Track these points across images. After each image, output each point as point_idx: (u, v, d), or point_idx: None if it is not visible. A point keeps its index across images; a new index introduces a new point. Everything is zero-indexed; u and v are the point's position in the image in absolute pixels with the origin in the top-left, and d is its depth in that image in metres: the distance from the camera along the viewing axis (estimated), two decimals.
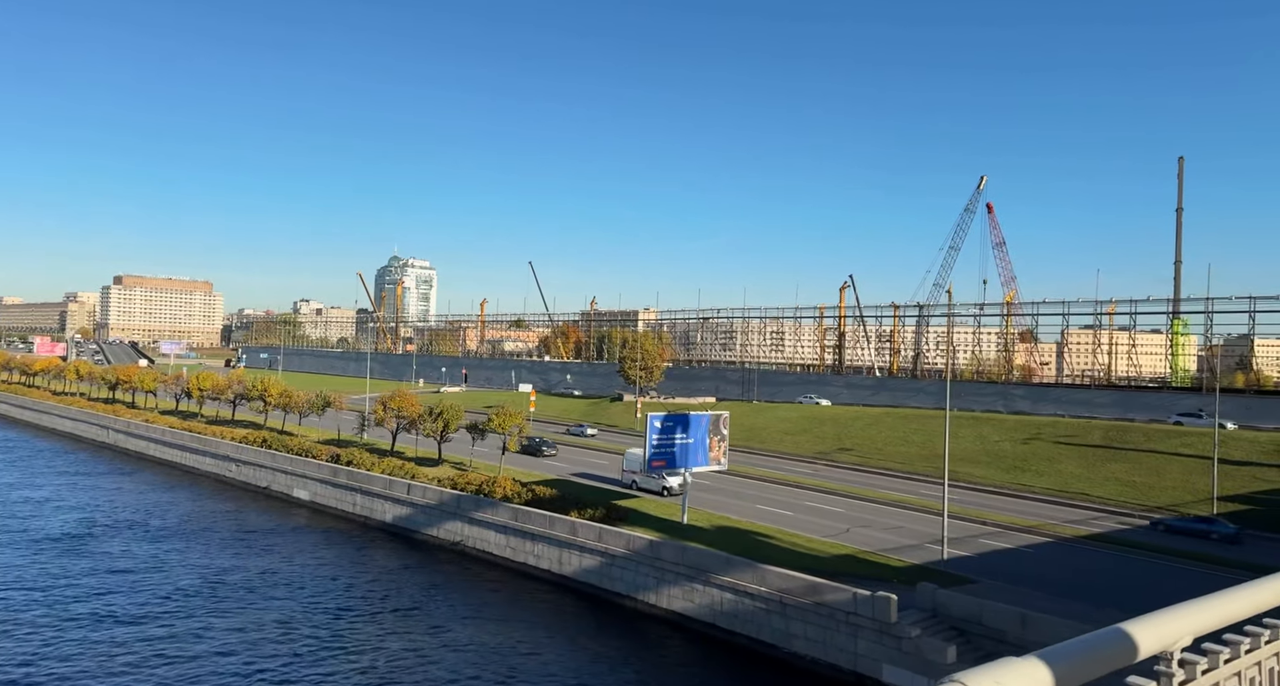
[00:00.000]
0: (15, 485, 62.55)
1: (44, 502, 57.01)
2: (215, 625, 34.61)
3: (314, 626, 34.82)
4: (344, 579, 41.70)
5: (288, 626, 34.67)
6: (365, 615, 36.59)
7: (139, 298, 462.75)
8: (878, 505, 54.24)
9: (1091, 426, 71.57)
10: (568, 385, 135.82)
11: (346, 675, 30.32)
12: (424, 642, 33.56)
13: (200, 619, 35.27)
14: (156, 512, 54.54)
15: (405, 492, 49.12)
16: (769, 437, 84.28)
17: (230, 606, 36.96)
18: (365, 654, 32.20)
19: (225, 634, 33.66)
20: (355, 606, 37.63)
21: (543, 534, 41.78)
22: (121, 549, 45.45)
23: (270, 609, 36.82)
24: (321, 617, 35.99)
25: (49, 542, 46.61)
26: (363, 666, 31.16)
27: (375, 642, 33.37)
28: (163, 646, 32.22)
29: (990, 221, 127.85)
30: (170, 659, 31.05)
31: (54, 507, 55.36)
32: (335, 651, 32.31)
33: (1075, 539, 46.32)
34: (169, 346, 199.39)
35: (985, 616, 30.45)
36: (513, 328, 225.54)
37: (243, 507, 57.13)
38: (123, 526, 50.46)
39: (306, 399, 70.54)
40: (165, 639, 32.96)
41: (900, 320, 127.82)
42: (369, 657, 31.89)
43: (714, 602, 35.17)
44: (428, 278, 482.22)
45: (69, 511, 54.24)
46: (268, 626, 34.58)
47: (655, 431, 44.48)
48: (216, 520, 53.27)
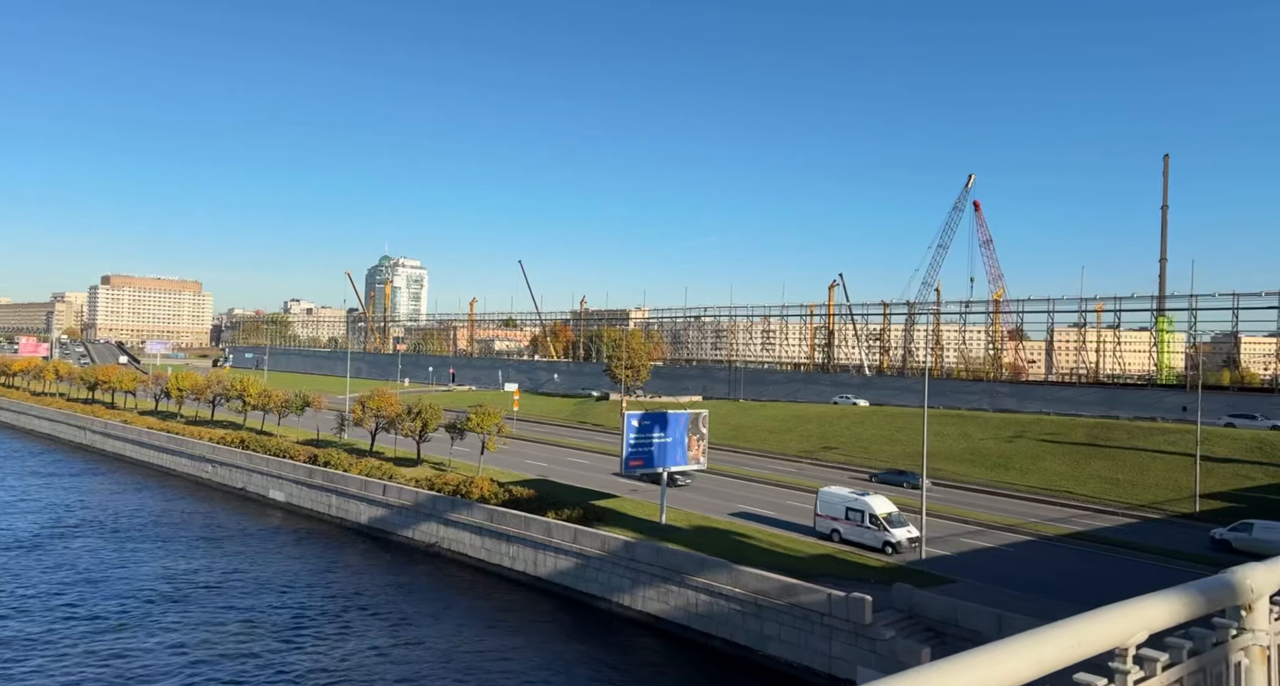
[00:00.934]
0: None
1: (12, 503, 56.12)
2: (173, 625, 34.16)
3: (274, 627, 34.29)
4: (311, 580, 41.05)
5: (247, 626, 34.25)
6: (328, 615, 36.01)
7: (127, 298, 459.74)
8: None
9: (1076, 424, 71.37)
10: (555, 384, 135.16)
11: (301, 675, 29.79)
12: (384, 643, 33.06)
13: (158, 619, 34.84)
14: (126, 513, 53.71)
15: (381, 493, 48.42)
16: (754, 437, 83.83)
17: (190, 606, 36.50)
18: (323, 654, 31.77)
19: (183, 633, 33.22)
20: (318, 607, 37.05)
21: (518, 535, 41.17)
22: (86, 549, 44.71)
23: (231, 609, 36.30)
24: (282, 618, 35.46)
25: (13, 543, 45.82)
26: (319, 666, 30.71)
27: (334, 643, 32.89)
28: (118, 646, 31.71)
29: (977, 219, 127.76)
30: (124, 656, 30.46)
31: (22, 508, 54.48)
32: (292, 651, 31.80)
33: (1058, 537, 46.00)
34: (155, 346, 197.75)
35: (961, 617, 30.00)
36: (504, 327, 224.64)
37: (217, 509, 56.33)
38: (90, 527, 49.72)
39: (285, 399, 69.68)
40: (120, 638, 32.44)
41: (889, 318, 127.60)
42: (326, 658, 31.43)
43: (689, 604, 34.64)
44: (418, 277, 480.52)
45: (37, 512, 53.40)
46: (227, 626, 34.13)
47: (633, 430, 43.88)
48: (188, 521, 52.46)
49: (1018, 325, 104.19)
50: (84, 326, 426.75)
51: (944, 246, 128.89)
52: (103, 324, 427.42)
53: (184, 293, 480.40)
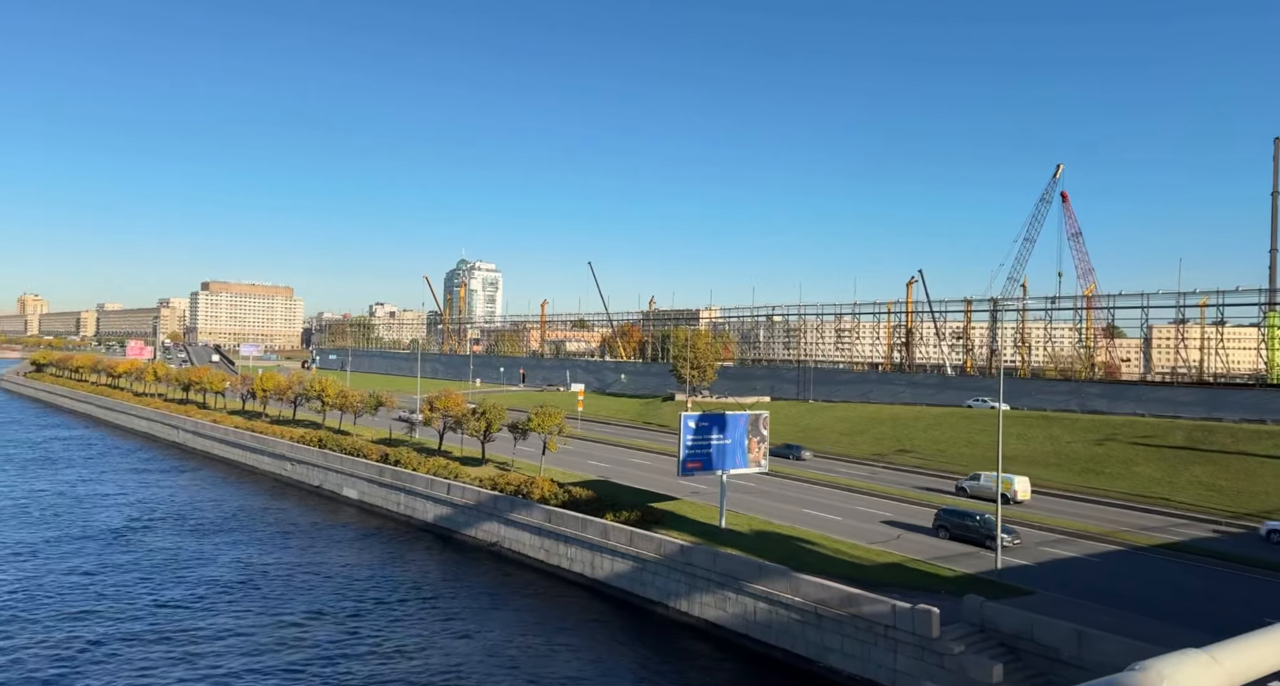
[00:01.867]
0: (85, 480, 65.84)
1: (108, 496, 59.68)
2: (239, 614, 35.51)
3: (334, 617, 35.32)
4: (373, 574, 41.94)
5: (309, 616, 35.36)
6: (385, 607, 36.81)
7: (224, 303, 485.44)
8: (933, 510, 51.42)
9: (1173, 426, 66.64)
10: (622, 385, 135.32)
11: (353, 661, 30.65)
12: (434, 636, 33.60)
13: (226, 607, 36.31)
14: (207, 509, 56.34)
15: (445, 492, 49.11)
16: (824, 438, 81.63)
17: (257, 597, 37.93)
18: (376, 644, 32.52)
19: (249, 620, 34.67)
20: (377, 600, 37.83)
21: (575, 536, 40.96)
22: (167, 541, 47.10)
23: (296, 600, 37.56)
24: (343, 609, 36.50)
25: (103, 533, 48.71)
26: (371, 653, 31.52)
27: (387, 634, 33.66)
28: (189, 630, 33.37)
29: (1065, 210, 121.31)
30: (195, 642, 32.02)
31: (115, 502, 57.91)
32: (349, 640, 32.68)
33: (1150, 548, 42.83)
34: (247, 348, 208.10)
35: (1037, 632, 28.07)
36: (575, 328, 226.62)
37: (292, 505, 58.39)
38: (173, 521, 52.39)
39: (360, 399, 71.76)
40: (190, 624, 34.09)
41: (972, 316, 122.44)
42: (379, 647, 32.21)
43: (746, 612, 33.63)
44: (493, 280, 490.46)
45: (128, 506, 56.64)
46: (291, 615, 35.38)
47: (690, 432, 43.04)
48: (264, 517, 54.53)
49: (1109, 322, 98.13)
50: (186, 330, 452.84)
51: (1030, 240, 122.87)
52: (203, 328, 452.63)
53: (276, 297, 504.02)
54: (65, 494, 60.41)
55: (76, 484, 64.19)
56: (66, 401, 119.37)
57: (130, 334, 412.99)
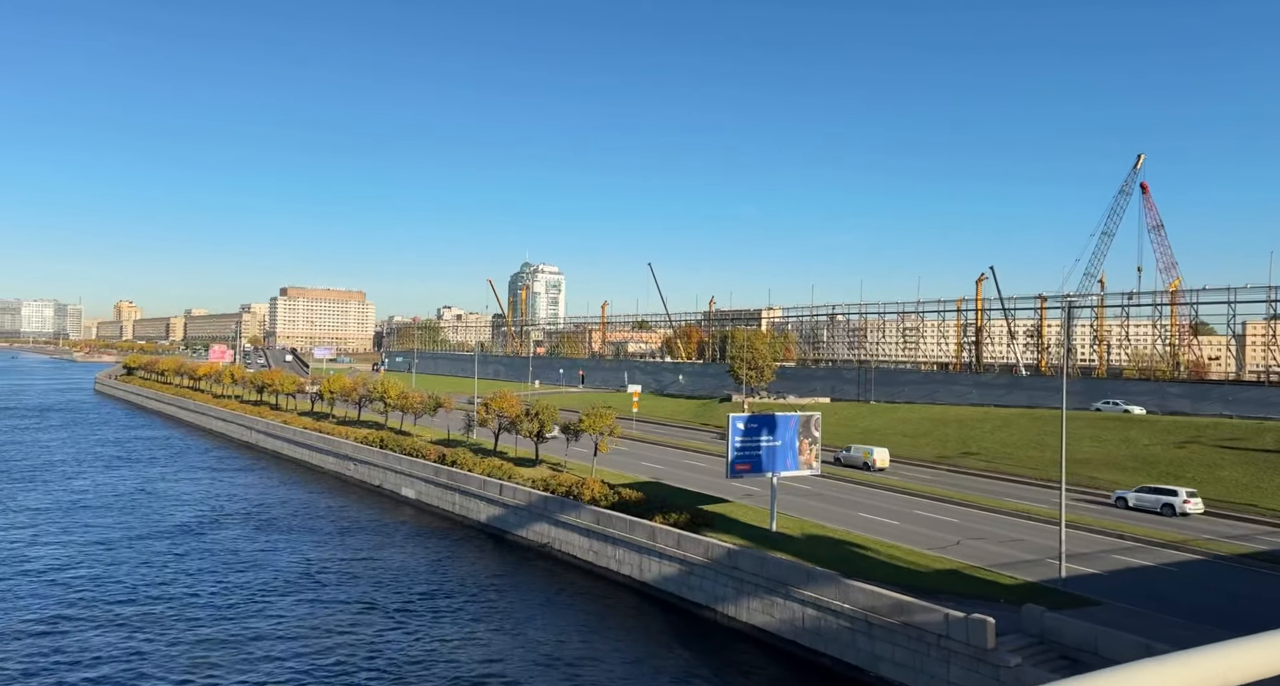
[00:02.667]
0: (164, 478, 69.41)
1: (184, 493, 62.81)
2: (293, 606, 36.93)
3: (384, 612, 36.24)
4: (425, 572, 42.87)
5: (361, 609, 36.44)
6: (433, 603, 37.44)
7: (301, 307, 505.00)
8: (998, 515, 49.54)
9: (1264, 428, 62.50)
10: (680, 386, 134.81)
11: (399, 651, 31.42)
12: (479, 633, 34.05)
13: (284, 601, 37.67)
14: (274, 506, 58.64)
15: (498, 493, 49.74)
16: (886, 440, 79.33)
17: (314, 591, 39.20)
18: (419, 637, 33.25)
19: (304, 612, 36.13)
20: (426, 596, 38.61)
21: (623, 538, 40.89)
22: (234, 537, 49.26)
23: (350, 595, 38.72)
24: (392, 604, 37.43)
25: (177, 528, 51.32)
26: (415, 645, 32.27)
27: (432, 628, 34.35)
28: (249, 621, 34.77)
29: (1145, 202, 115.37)
30: (253, 631, 33.32)
31: (188, 498, 60.97)
32: (396, 632, 33.53)
33: (1234, 557, 40.21)
34: (320, 352, 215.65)
35: (1101, 645, 26.60)
36: (636, 329, 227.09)
37: (354, 504, 60.13)
38: (240, 517, 54.74)
39: (420, 400, 73.44)
40: (252, 615, 35.54)
41: (1045, 313, 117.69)
42: (422, 641, 32.97)
43: (794, 618, 32.93)
44: (556, 282, 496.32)
45: (199, 502, 59.53)
46: (344, 610, 36.50)
47: (738, 433, 42.44)
48: (326, 515, 56.32)
49: (1192, 318, 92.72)
50: (265, 334, 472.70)
51: (1109, 233, 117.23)
52: (281, 331, 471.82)
53: (350, 302, 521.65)
54: (144, 490, 63.79)
55: (155, 481, 67.69)
56: (152, 403, 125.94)
57: (214, 338, 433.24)
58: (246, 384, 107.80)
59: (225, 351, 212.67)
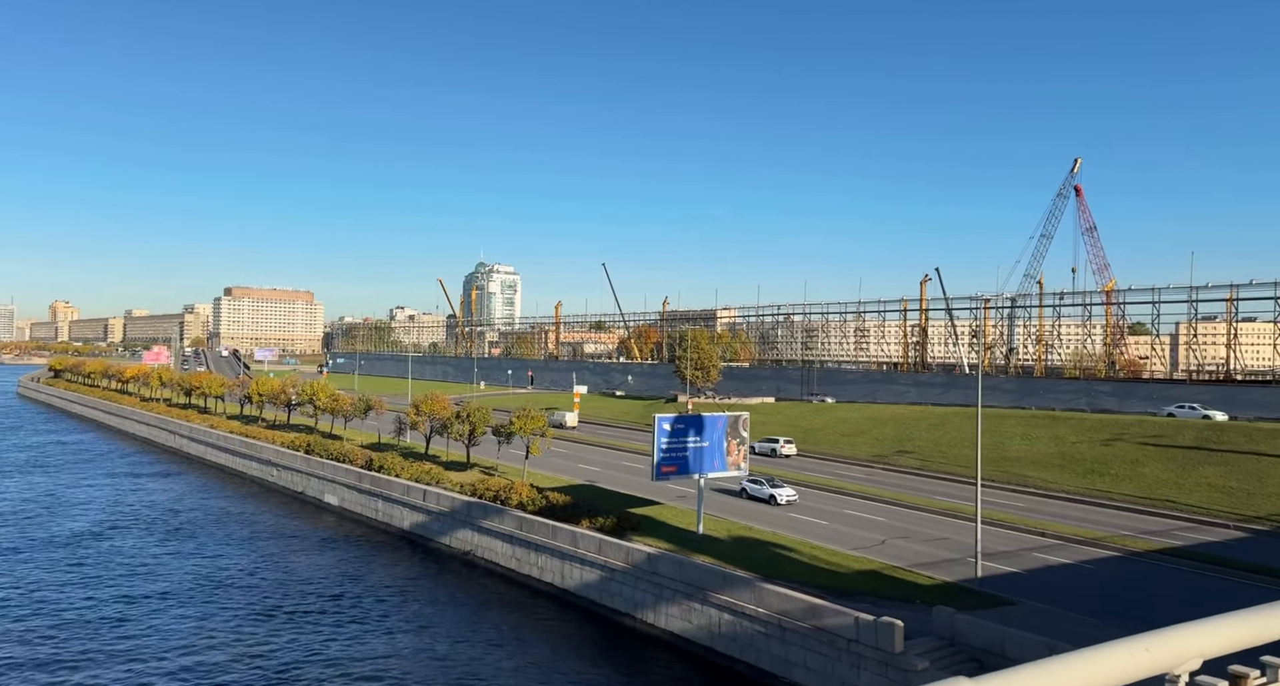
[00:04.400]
0: (73, 483, 66.23)
1: (84, 501, 59.76)
2: (183, 617, 35.20)
3: (271, 629, 34.46)
4: (336, 582, 41.12)
5: (244, 626, 34.66)
6: (338, 616, 35.77)
7: (246, 308, 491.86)
8: (925, 514, 49.74)
9: (1184, 426, 64.09)
10: (629, 386, 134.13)
11: (293, 670, 29.77)
12: (385, 648, 32.55)
13: (172, 612, 35.95)
14: (185, 514, 56.19)
15: (421, 499, 48.21)
16: (825, 440, 79.82)
17: (208, 603, 37.49)
18: (308, 656, 31.52)
19: (193, 625, 34.41)
20: (332, 608, 36.91)
21: (545, 544, 39.81)
22: (127, 546, 47.04)
23: (246, 607, 36.95)
24: (293, 616, 35.80)
25: (73, 536, 48.95)
26: (312, 663, 30.53)
27: (322, 645, 32.62)
28: (127, 635, 32.91)
29: (1079, 205, 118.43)
30: (131, 647, 31.50)
31: (89, 506, 58.04)
32: (292, 649, 31.84)
33: (1149, 553, 40.77)
34: (262, 353, 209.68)
35: (1009, 647, 26.40)
36: (593, 330, 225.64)
37: (273, 511, 57.90)
38: (142, 525, 52.48)
39: (350, 403, 71.27)
40: (129, 629, 33.67)
41: (989, 314, 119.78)
42: (310, 659, 31.27)
43: (711, 623, 32.26)
44: (512, 283, 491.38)
45: (99, 511, 56.67)
46: (238, 623, 34.75)
47: (664, 435, 41.66)
48: (241, 522, 54.09)
49: (1119, 318, 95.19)
50: (209, 335, 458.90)
51: (1047, 236, 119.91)
52: (225, 333, 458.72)
53: (297, 302, 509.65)
54: (49, 496, 60.68)
55: (63, 487, 64.40)
56: (76, 407, 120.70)
57: (155, 340, 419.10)
58: (175, 386, 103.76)
59: (162, 353, 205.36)
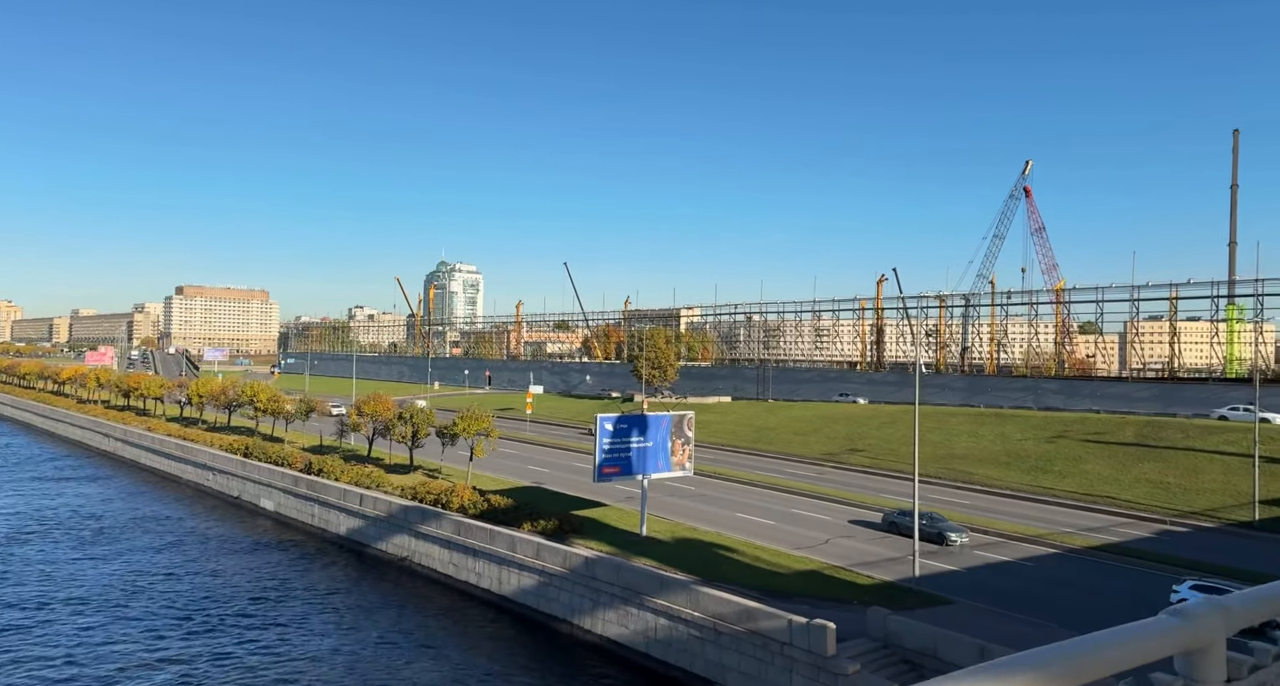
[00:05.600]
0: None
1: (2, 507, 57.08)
2: (97, 624, 33.70)
3: (185, 637, 33.02)
4: (265, 589, 39.58)
5: (161, 635, 33.23)
6: (264, 624, 34.37)
7: (199, 307, 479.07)
8: (870, 512, 49.72)
9: (1125, 422, 65.32)
10: (588, 386, 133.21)
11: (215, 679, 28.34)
12: (308, 659, 31.17)
13: (84, 620, 34.36)
14: (110, 519, 53.89)
15: (358, 503, 46.78)
16: (778, 439, 79.88)
17: (125, 610, 35.94)
18: (220, 665, 30.20)
19: (106, 633, 32.74)
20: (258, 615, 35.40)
21: (483, 550, 38.77)
22: (41, 552, 44.96)
23: (165, 615, 35.38)
24: (215, 625, 34.35)
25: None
26: (213, 676, 29.18)
27: (242, 654, 31.26)
28: (38, 644, 31.25)
29: (1029, 206, 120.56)
30: (39, 655, 29.78)
31: (7, 510, 55.47)
32: (212, 659, 30.51)
33: (1087, 550, 41.18)
34: (212, 353, 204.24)
35: (941, 649, 26.20)
36: (556, 329, 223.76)
37: (207, 516, 55.85)
38: (65, 531, 50.30)
39: (292, 404, 69.24)
40: (38, 636, 31.99)
41: (946, 313, 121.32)
42: (225, 667, 29.87)
43: (648, 628, 31.60)
44: (474, 282, 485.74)
45: (21, 515, 54.22)
46: (136, 631, 33.22)
47: (606, 435, 40.95)
48: (170, 528, 52.01)
49: (1065, 316, 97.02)
50: (160, 335, 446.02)
51: (1000, 236, 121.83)
52: (177, 333, 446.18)
53: (252, 301, 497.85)
54: None
55: None
56: (6, 409, 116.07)
57: (104, 340, 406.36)
58: (113, 388, 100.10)
59: (107, 354, 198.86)
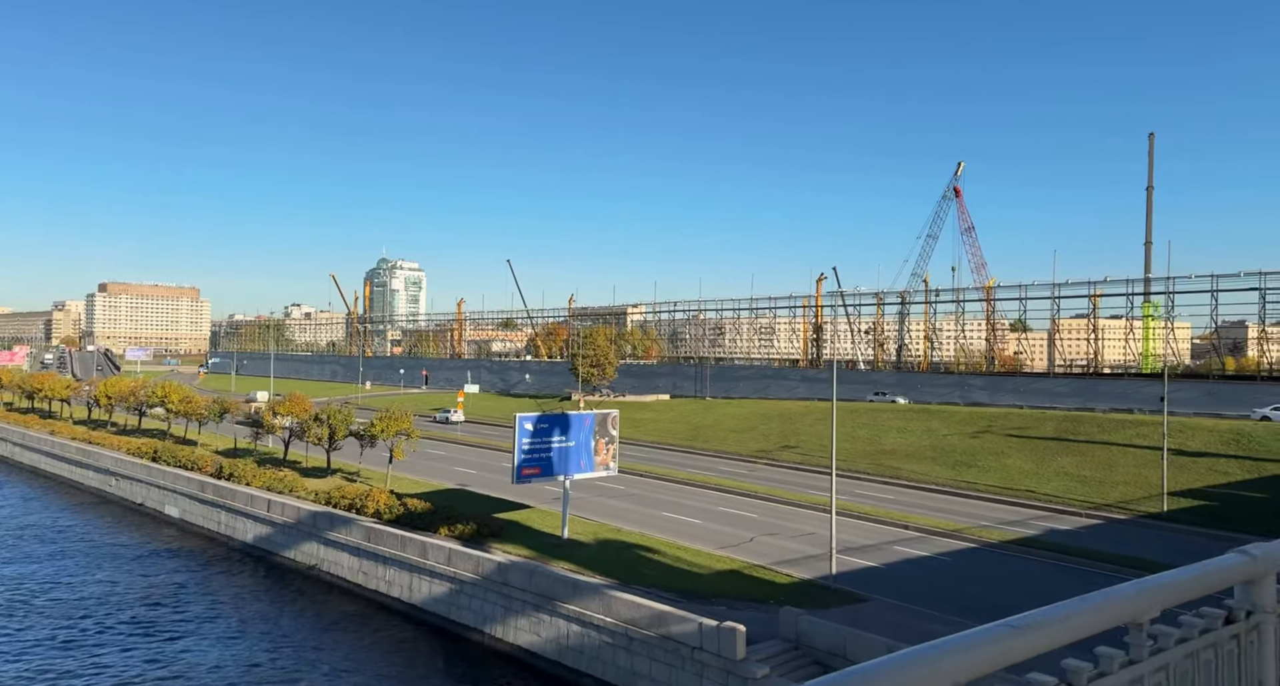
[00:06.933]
0: None
1: None
2: None
3: (60, 653, 30.51)
4: (142, 601, 37.05)
5: (27, 648, 30.50)
6: (148, 637, 32.08)
7: (125, 305, 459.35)
8: (798, 509, 49.73)
9: (1046, 417, 66.93)
10: (527, 385, 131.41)
11: None
12: (190, 674, 29.18)
13: None
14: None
15: (265, 509, 44.55)
16: (713, 437, 79.72)
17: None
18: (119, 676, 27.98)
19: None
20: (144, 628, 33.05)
21: (394, 556, 37.19)
22: None
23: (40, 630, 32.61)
24: (93, 640, 31.81)
25: None
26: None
27: (119, 671, 29.03)
28: None
29: (959, 206, 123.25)
30: None
31: None
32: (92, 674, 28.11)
33: (1003, 544, 41.72)
34: (134, 353, 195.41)
35: (850, 649, 25.83)
36: (502, 328, 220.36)
37: (106, 524, 52.61)
38: None
39: (205, 405, 66.03)
40: None
41: (883, 311, 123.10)
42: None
43: (560, 635, 30.60)
44: (417, 279, 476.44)
45: None
46: (34, 647, 30.38)
47: (526, 435, 39.67)
48: (60, 538, 48.69)
49: (993, 314, 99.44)
50: (82, 334, 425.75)
51: (933, 236, 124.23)
52: (100, 331, 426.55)
53: (182, 299, 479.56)
54: None
55: None
56: None
57: (19, 339, 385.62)
58: (16, 389, 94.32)
59: (17, 354, 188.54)
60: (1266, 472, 50.21)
